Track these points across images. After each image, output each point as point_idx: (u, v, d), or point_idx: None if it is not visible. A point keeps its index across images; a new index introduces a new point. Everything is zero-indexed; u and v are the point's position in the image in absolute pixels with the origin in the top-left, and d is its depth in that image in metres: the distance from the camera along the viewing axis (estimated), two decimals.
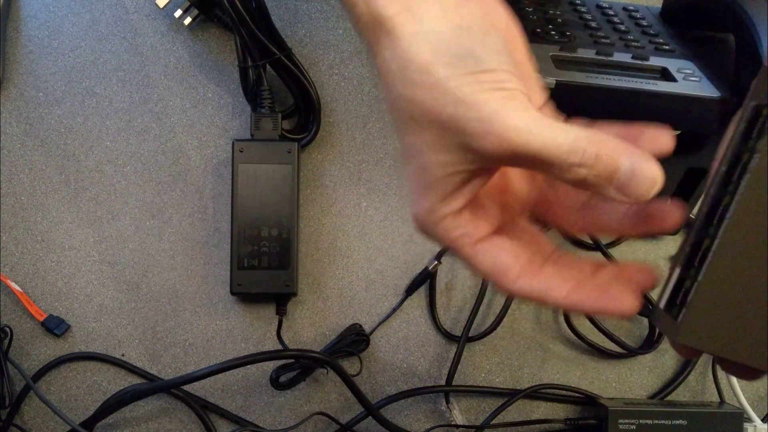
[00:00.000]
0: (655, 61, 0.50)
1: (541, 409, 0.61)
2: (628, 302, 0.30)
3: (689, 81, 0.48)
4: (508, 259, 0.31)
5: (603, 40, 0.52)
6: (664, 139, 0.31)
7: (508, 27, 0.31)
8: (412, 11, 0.28)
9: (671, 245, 0.63)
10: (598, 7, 0.58)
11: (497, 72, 0.28)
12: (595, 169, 0.27)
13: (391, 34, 0.28)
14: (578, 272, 0.31)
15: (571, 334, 0.61)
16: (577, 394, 0.61)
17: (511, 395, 0.60)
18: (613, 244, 0.61)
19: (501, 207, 0.33)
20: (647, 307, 0.62)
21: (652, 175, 0.27)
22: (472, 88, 0.27)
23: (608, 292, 0.30)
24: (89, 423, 0.55)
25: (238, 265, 0.56)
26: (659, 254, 0.62)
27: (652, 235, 0.30)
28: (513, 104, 0.27)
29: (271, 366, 0.58)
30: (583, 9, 0.57)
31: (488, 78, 0.27)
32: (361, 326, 0.60)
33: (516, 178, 0.34)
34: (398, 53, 0.28)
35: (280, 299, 0.58)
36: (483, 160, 0.28)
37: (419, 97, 0.28)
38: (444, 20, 0.28)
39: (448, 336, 0.61)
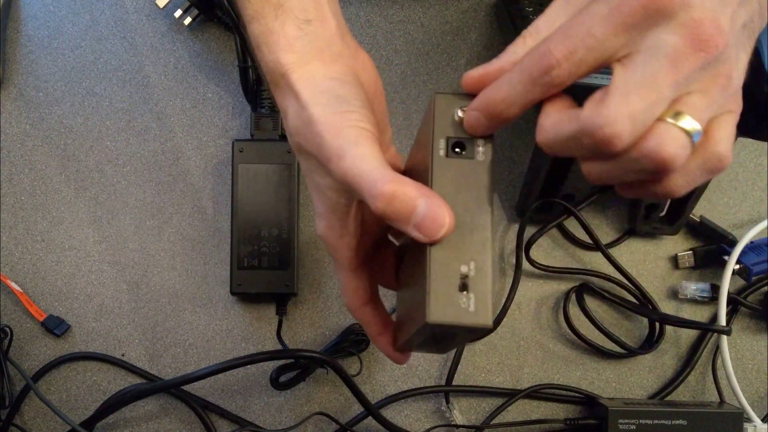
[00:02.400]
0: None
1: (541, 409, 0.61)
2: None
3: None
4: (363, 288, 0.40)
5: None
6: None
7: (372, 85, 0.38)
8: (303, 65, 0.36)
9: (671, 245, 0.63)
10: None
11: (358, 113, 0.34)
12: (392, 206, 0.31)
13: (292, 87, 0.35)
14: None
15: (571, 334, 0.61)
16: (577, 394, 0.61)
17: (511, 395, 0.60)
18: (613, 243, 0.62)
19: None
20: (647, 307, 0.62)
21: (441, 220, 0.31)
22: (338, 122, 0.34)
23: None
24: (89, 423, 0.55)
25: (238, 265, 0.56)
26: (659, 254, 0.63)
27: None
28: (361, 139, 0.33)
29: (271, 366, 0.58)
30: None
31: (351, 116, 0.34)
32: (361, 326, 0.60)
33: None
34: (296, 101, 0.35)
35: (280, 299, 0.58)
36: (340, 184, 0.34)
37: (301, 131, 0.35)
38: (323, 72, 0.36)
39: None
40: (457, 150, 0.33)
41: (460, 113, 0.34)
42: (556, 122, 0.31)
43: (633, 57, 0.29)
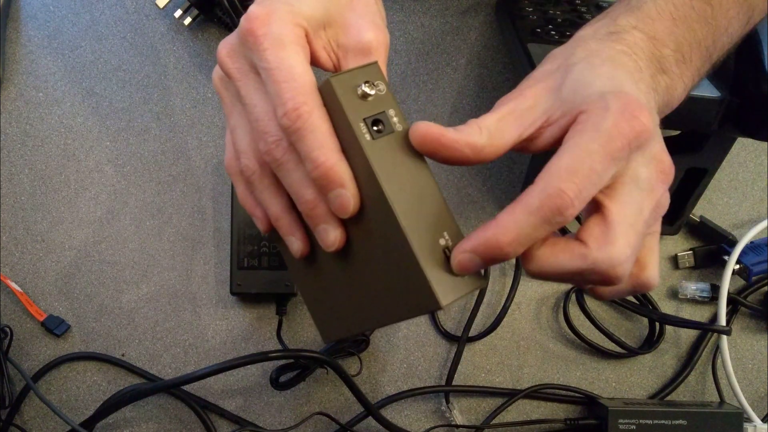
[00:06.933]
0: None
1: (541, 409, 0.61)
2: None
3: None
4: None
5: None
6: None
7: None
8: None
9: (671, 245, 0.63)
10: (598, 7, 0.58)
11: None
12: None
13: None
14: None
15: (571, 334, 0.61)
16: (577, 394, 0.61)
17: (511, 395, 0.60)
18: None
19: None
20: (647, 307, 0.62)
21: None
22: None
23: None
24: (89, 423, 0.55)
25: (238, 265, 0.56)
26: (659, 254, 0.62)
27: None
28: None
29: (271, 366, 0.58)
30: (583, 9, 0.57)
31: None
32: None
33: None
34: None
35: (280, 299, 0.58)
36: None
37: None
38: None
39: (448, 336, 0.61)
40: (376, 128, 0.33)
41: (364, 87, 0.33)
42: (557, 258, 0.32)
43: (618, 189, 0.32)
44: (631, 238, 0.32)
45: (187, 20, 0.59)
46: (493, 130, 0.33)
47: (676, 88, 0.38)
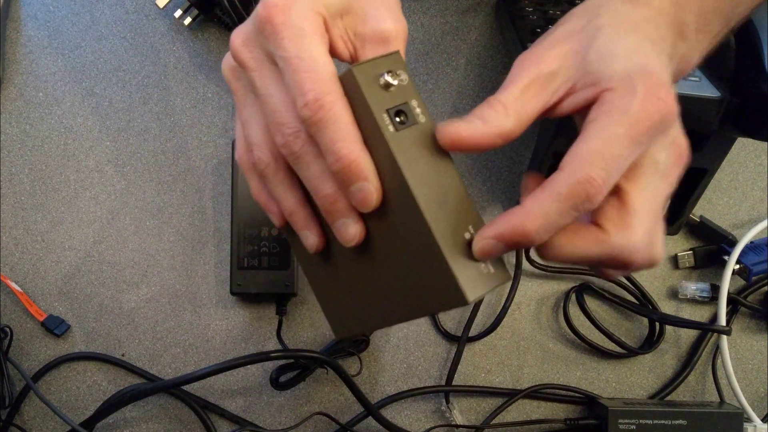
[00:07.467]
0: None
1: (541, 409, 0.61)
2: None
3: (689, 81, 0.48)
4: None
5: None
6: None
7: None
8: None
9: (671, 245, 0.63)
10: None
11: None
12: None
13: None
14: None
15: (571, 334, 0.61)
16: (577, 394, 0.61)
17: (511, 395, 0.60)
18: None
19: None
20: (647, 307, 0.62)
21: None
22: None
23: None
24: (89, 423, 0.55)
25: (238, 265, 0.56)
26: None
27: None
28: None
29: (271, 366, 0.58)
30: None
31: None
32: None
33: None
34: None
35: (280, 299, 0.58)
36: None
37: None
38: None
39: (448, 336, 0.61)
40: (399, 119, 0.32)
41: (386, 77, 0.32)
42: (574, 243, 0.32)
43: (638, 173, 0.32)
44: (649, 224, 0.32)
45: (187, 20, 0.59)
46: (519, 108, 0.33)
47: (693, 56, 0.37)
